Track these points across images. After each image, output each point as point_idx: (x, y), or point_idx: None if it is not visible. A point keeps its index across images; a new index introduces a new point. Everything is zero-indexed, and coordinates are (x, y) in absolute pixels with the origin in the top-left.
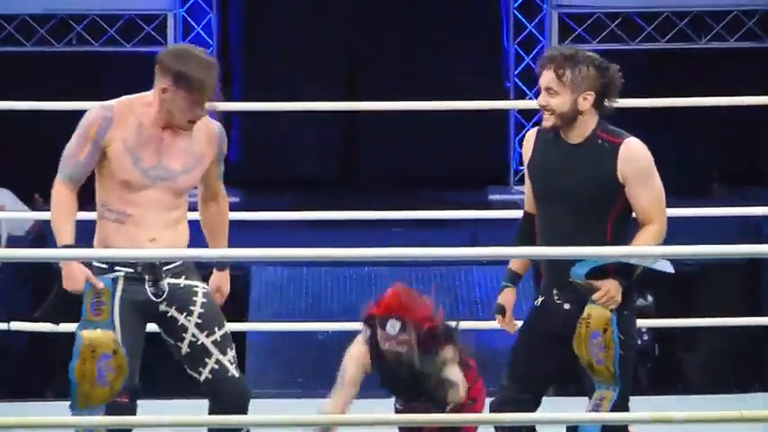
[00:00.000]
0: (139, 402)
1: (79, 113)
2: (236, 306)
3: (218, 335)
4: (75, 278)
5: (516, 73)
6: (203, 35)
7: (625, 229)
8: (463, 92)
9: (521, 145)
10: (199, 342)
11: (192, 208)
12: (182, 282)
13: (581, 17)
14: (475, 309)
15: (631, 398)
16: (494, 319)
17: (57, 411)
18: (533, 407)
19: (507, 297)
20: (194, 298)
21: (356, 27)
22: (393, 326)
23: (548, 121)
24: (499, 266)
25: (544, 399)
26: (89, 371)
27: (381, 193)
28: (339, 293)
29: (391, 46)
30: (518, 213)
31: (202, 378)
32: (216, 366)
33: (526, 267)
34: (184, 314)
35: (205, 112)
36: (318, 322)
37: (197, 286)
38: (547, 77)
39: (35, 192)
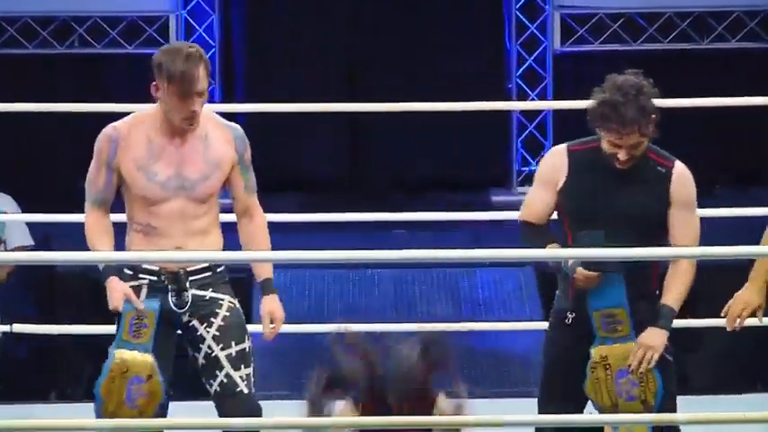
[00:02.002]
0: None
1: (80, 116)
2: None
3: (233, 350)
4: (115, 298)
5: (518, 74)
6: (205, 37)
7: None
8: (465, 93)
9: (523, 146)
10: (213, 354)
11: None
12: (208, 294)
13: (583, 18)
14: (478, 311)
15: None
16: (497, 321)
17: (60, 413)
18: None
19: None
20: (217, 310)
21: (357, 28)
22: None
23: (626, 164)
24: (502, 268)
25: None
26: (117, 390)
27: (383, 195)
28: (342, 295)
29: (392, 47)
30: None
31: (212, 390)
32: (225, 380)
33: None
34: (204, 325)
35: (198, 107)
36: (322, 324)
37: (222, 299)
38: (633, 139)
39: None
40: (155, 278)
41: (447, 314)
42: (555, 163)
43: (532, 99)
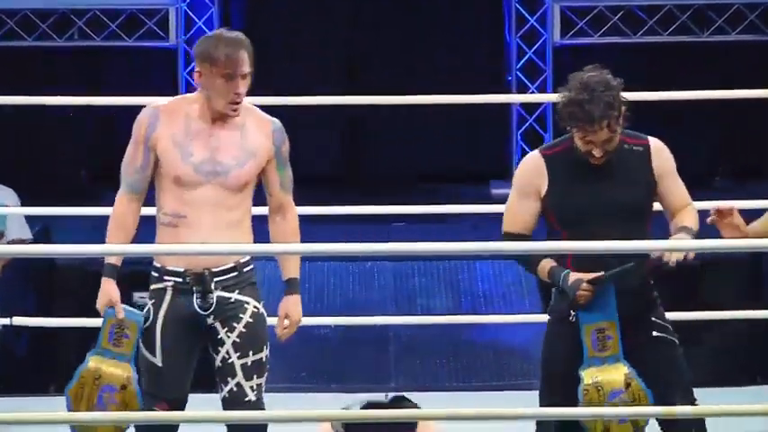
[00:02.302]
0: None
1: (80, 109)
2: None
3: (249, 359)
4: (101, 301)
5: (518, 66)
6: (205, 29)
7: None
8: (464, 86)
9: (523, 139)
10: (230, 360)
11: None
12: (233, 296)
13: (583, 11)
14: (478, 303)
15: None
16: (497, 314)
17: (59, 406)
18: None
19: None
20: (241, 315)
21: (356, 22)
22: None
23: (601, 159)
24: (502, 261)
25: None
26: (86, 396)
27: (383, 188)
28: (341, 288)
29: (391, 40)
30: None
31: (222, 395)
32: (235, 389)
33: None
34: (226, 329)
35: (243, 89)
36: (321, 317)
37: (248, 303)
38: (603, 135)
39: (35, 188)
40: (179, 280)
41: (447, 307)
42: (533, 171)
43: (532, 92)
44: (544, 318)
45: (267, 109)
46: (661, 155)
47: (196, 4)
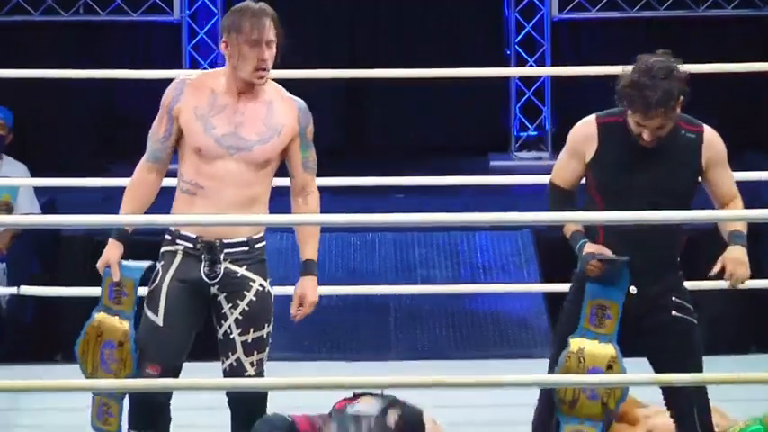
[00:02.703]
0: None
1: (85, 81)
2: None
3: (250, 336)
4: (100, 260)
5: (517, 41)
6: (208, 4)
7: None
8: (464, 60)
9: (522, 112)
10: (231, 336)
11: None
12: (240, 271)
13: None
14: (477, 273)
15: (631, 360)
16: (496, 283)
17: (66, 374)
18: None
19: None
20: (245, 292)
21: (359, 2)
22: None
23: (652, 143)
24: (501, 232)
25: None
26: (91, 351)
27: (383, 160)
28: (343, 259)
29: (393, 15)
30: (519, 180)
31: (223, 368)
32: (234, 364)
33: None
34: (230, 305)
35: (268, 55)
36: (323, 286)
37: (254, 281)
38: (657, 122)
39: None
40: (191, 245)
41: (446, 277)
42: (585, 134)
43: (531, 65)
44: (542, 287)
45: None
46: (713, 144)
47: None
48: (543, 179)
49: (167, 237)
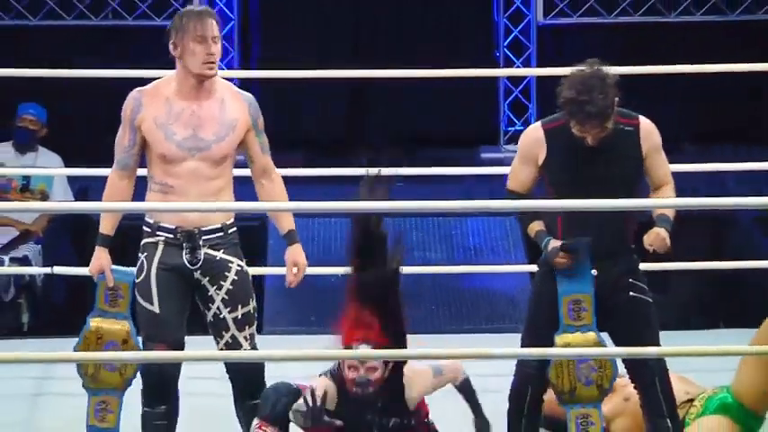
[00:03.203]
0: None
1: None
2: (256, 253)
3: (239, 312)
4: (93, 267)
5: (505, 44)
6: (225, 10)
7: None
8: (458, 60)
9: (509, 109)
10: (221, 316)
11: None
12: (218, 255)
13: None
14: (469, 254)
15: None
16: (485, 264)
17: None
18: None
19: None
20: (227, 273)
21: (361, 6)
22: (364, 347)
23: (595, 142)
24: (490, 217)
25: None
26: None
27: (384, 152)
28: (346, 241)
29: (394, 19)
30: (507, 170)
31: (218, 347)
32: (230, 341)
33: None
34: (214, 287)
35: (215, 49)
36: (328, 267)
37: (232, 262)
38: (598, 130)
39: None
40: (171, 236)
41: (441, 258)
42: (534, 139)
43: (518, 66)
44: (528, 268)
45: (277, 80)
46: (649, 134)
47: None
48: None
49: (146, 229)
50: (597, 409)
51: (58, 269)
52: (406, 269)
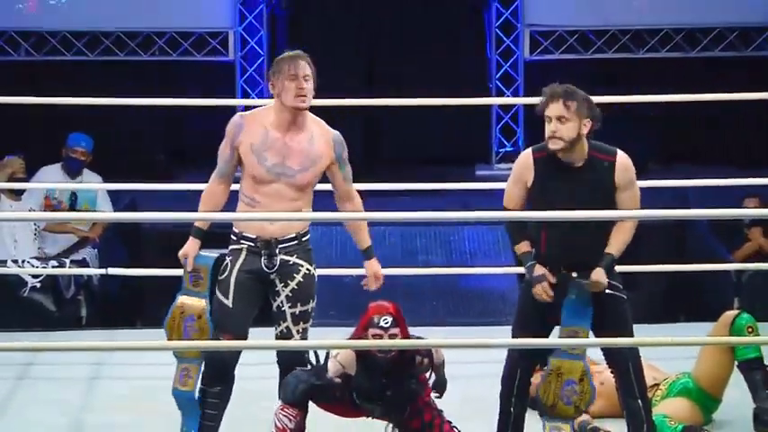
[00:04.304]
0: None
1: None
2: None
3: (298, 309)
4: (181, 252)
5: (497, 77)
6: (256, 48)
7: None
8: (457, 91)
9: (500, 132)
10: (282, 309)
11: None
12: (292, 259)
13: (547, 33)
14: (465, 258)
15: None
16: (480, 266)
17: (144, 337)
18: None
19: (541, 269)
20: (295, 274)
21: (378, 40)
22: (386, 320)
23: (556, 145)
24: (484, 226)
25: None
26: (177, 326)
27: (392, 170)
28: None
29: (402, 56)
30: (499, 185)
31: (275, 334)
32: (284, 330)
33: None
34: (282, 284)
35: (306, 85)
36: (346, 268)
37: (302, 266)
38: (557, 108)
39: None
40: (252, 244)
41: (441, 261)
42: (525, 164)
43: (508, 96)
44: (516, 270)
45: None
46: (625, 170)
47: (250, 27)
48: None
49: (233, 237)
50: (569, 425)
51: (112, 270)
52: (410, 270)
